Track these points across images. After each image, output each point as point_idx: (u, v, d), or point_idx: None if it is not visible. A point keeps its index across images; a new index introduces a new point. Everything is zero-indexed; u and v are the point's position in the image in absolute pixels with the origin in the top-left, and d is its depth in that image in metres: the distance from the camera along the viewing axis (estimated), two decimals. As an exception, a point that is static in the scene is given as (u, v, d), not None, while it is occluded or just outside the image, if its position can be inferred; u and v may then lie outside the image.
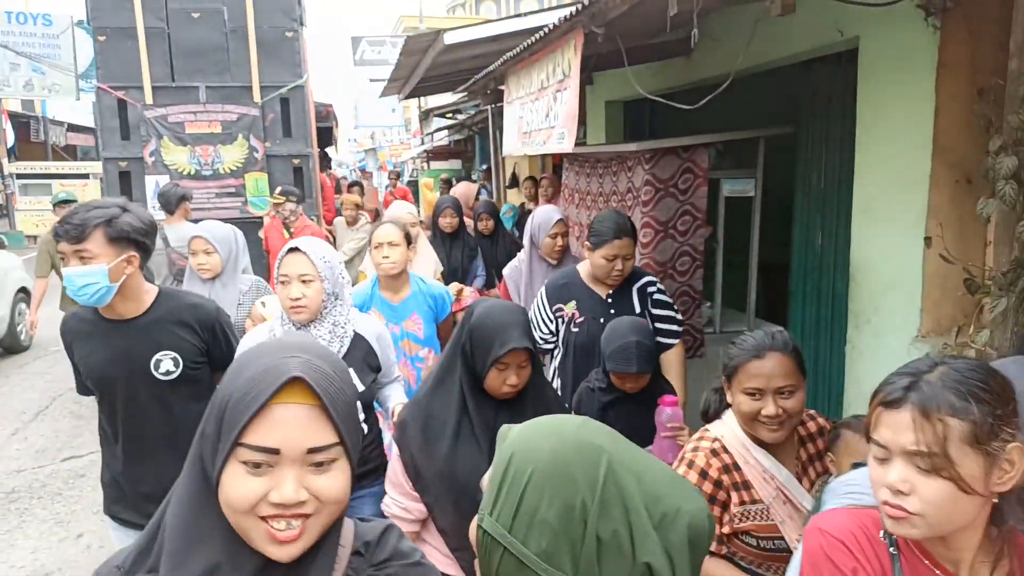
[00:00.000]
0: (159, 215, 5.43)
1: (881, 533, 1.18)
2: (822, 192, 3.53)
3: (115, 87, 6.54)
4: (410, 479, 1.91)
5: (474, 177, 12.93)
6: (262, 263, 6.58)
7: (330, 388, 0.96)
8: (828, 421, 1.99)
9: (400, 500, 1.95)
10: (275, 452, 0.92)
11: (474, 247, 5.07)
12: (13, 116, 18.01)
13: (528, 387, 1.90)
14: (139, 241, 2.17)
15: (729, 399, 1.85)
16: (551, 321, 3.03)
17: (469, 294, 4.29)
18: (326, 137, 10.50)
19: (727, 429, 1.86)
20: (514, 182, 10.18)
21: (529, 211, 7.27)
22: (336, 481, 0.96)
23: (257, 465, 0.92)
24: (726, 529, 1.79)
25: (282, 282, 2.26)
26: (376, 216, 10.06)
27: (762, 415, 1.75)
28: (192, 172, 6.61)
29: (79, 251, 2.08)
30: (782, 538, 1.78)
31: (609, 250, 2.83)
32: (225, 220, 6.22)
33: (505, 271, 3.93)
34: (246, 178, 6.74)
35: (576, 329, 2.95)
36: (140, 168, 6.58)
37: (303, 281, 2.24)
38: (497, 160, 9.70)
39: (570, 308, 3.00)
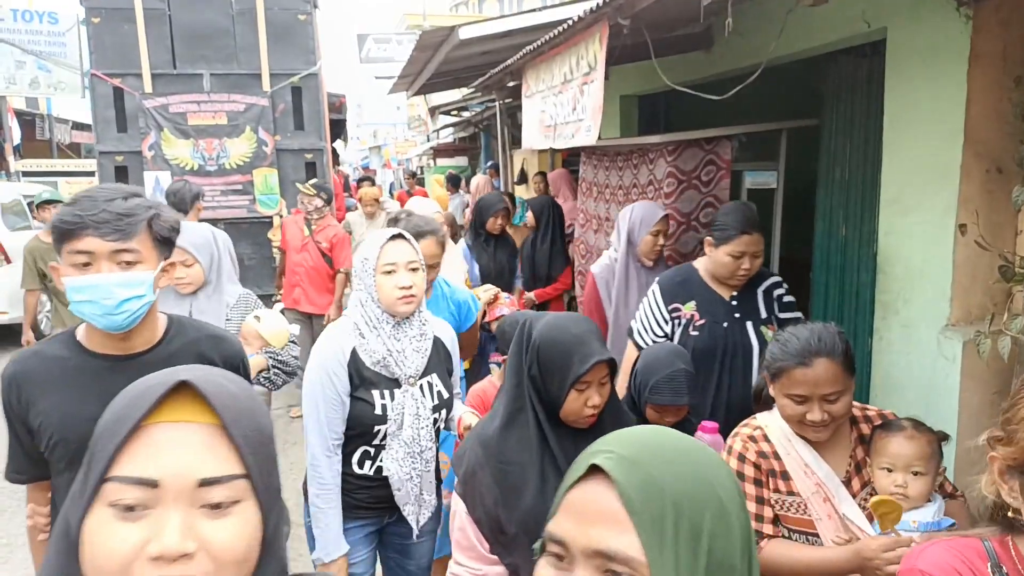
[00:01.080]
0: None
1: (988, 565, 1.05)
2: (846, 184, 3.53)
3: (111, 74, 5.99)
4: (487, 539, 1.62)
5: (484, 172, 12.92)
6: (270, 267, 6.35)
7: (233, 404, 0.73)
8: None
9: (475, 567, 1.64)
10: (153, 485, 0.67)
11: (515, 249, 4.86)
12: (19, 114, 18.06)
13: (605, 407, 1.65)
14: (172, 245, 1.70)
15: (772, 393, 1.80)
16: (666, 323, 2.74)
17: (505, 301, 3.72)
18: (338, 130, 9.88)
19: (772, 419, 1.83)
20: (522, 178, 10.18)
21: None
22: (237, 531, 0.70)
23: (130, 508, 0.67)
24: (769, 513, 1.79)
25: (387, 272, 2.08)
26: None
27: (807, 419, 1.70)
28: (195, 167, 6.14)
29: (124, 251, 1.54)
30: (817, 535, 1.73)
31: (736, 246, 2.54)
32: (233, 220, 6.08)
33: (595, 269, 3.52)
34: (254, 174, 6.27)
35: (695, 332, 2.67)
36: (138, 163, 6.08)
37: (411, 269, 2.10)
38: (505, 156, 9.70)
39: (689, 309, 2.71)
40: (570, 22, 3.66)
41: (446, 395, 2.23)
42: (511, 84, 6.33)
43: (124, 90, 6.02)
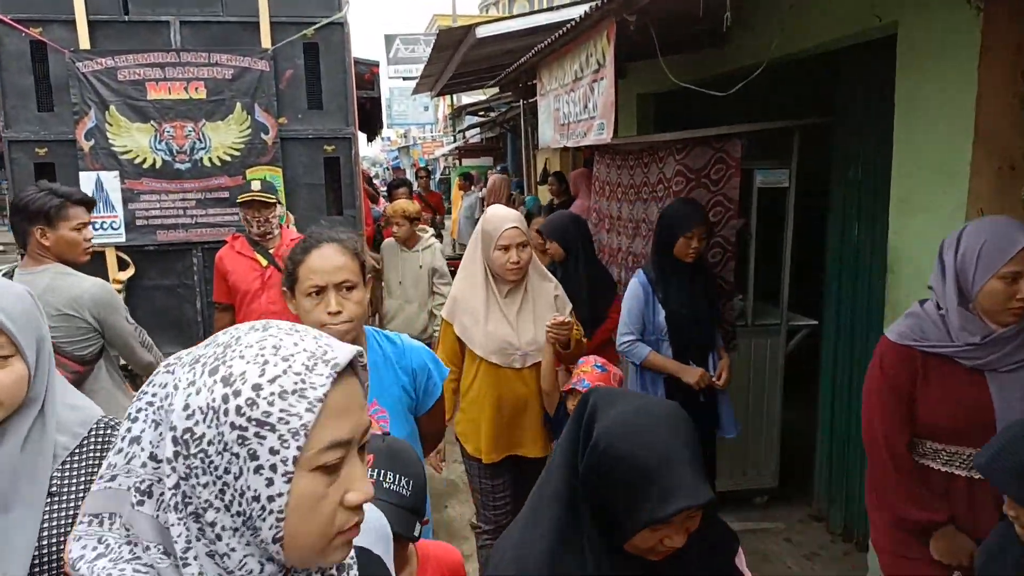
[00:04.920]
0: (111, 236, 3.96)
1: None
2: (858, 182, 3.47)
3: (25, 20, 3.85)
4: None
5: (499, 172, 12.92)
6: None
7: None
8: None
9: None
10: None
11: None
12: None
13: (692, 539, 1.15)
14: None
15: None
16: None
17: (594, 368, 2.63)
18: (370, 113, 6.90)
19: None
20: (545, 177, 10.17)
21: (558, 206, 7.26)
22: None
23: None
24: None
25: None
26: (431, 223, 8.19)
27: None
28: (157, 164, 4.06)
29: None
30: None
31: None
32: (213, 245, 3.94)
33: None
34: (248, 175, 4.11)
35: None
36: (71, 157, 3.99)
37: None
38: (528, 156, 9.71)
39: None
40: (578, 18, 3.65)
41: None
42: (531, 83, 6.33)
43: (47, 45, 3.91)
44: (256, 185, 3.59)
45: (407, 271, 4.53)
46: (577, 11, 4.82)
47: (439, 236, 8.16)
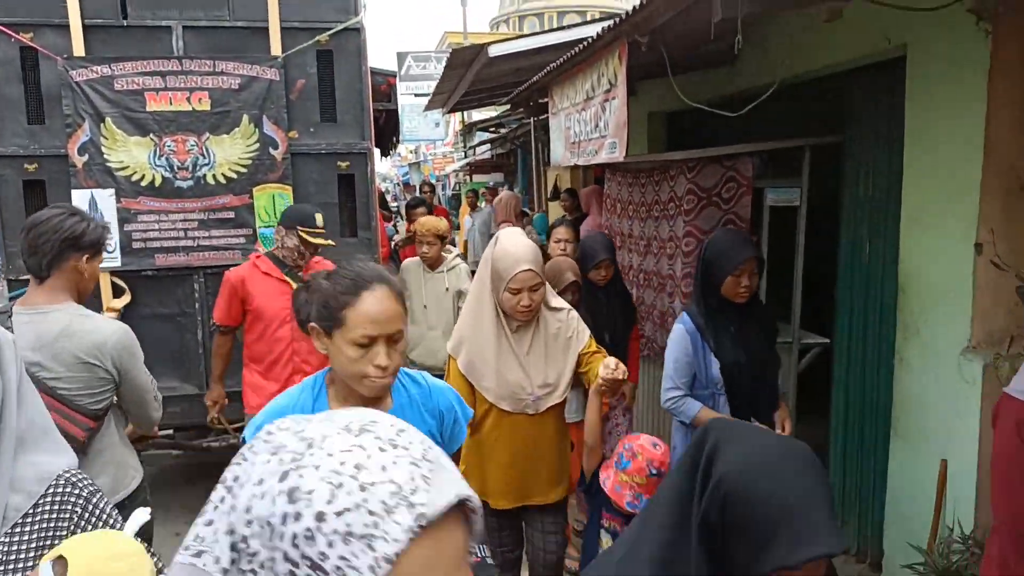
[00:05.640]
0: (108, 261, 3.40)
1: None
2: (870, 201, 3.48)
3: (16, 25, 3.63)
4: None
5: (516, 189, 13.00)
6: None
7: None
8: None
9: None
10: None
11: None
12: None
13: None
14: None
15: None
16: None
17: (652, 445, 2.37)
18: (387, 127, 6.57)
19: None
20: (555, 194, 10.22)
21: (569, 223, 7.29)
22: None
23: None
24: None
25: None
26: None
27: None
28: (157, 182, 3.79)
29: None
30: None
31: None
32: (217, 269, 3.68)
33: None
34: (255, 193, 3.87)
35: None
36: (63, 174, 3.72)
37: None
38: (539, 172, 9.77)
39: None
40: (590, 39, 3.70)
41: None
42: (542, 101, 6.38)
43: (39, 52, 3.66)
44: (320, 220, 3.30)
45: (431, 294, 4.25)
46: (588, 30, 4.88)
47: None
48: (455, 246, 9.74)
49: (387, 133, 6.94)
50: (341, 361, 1.55)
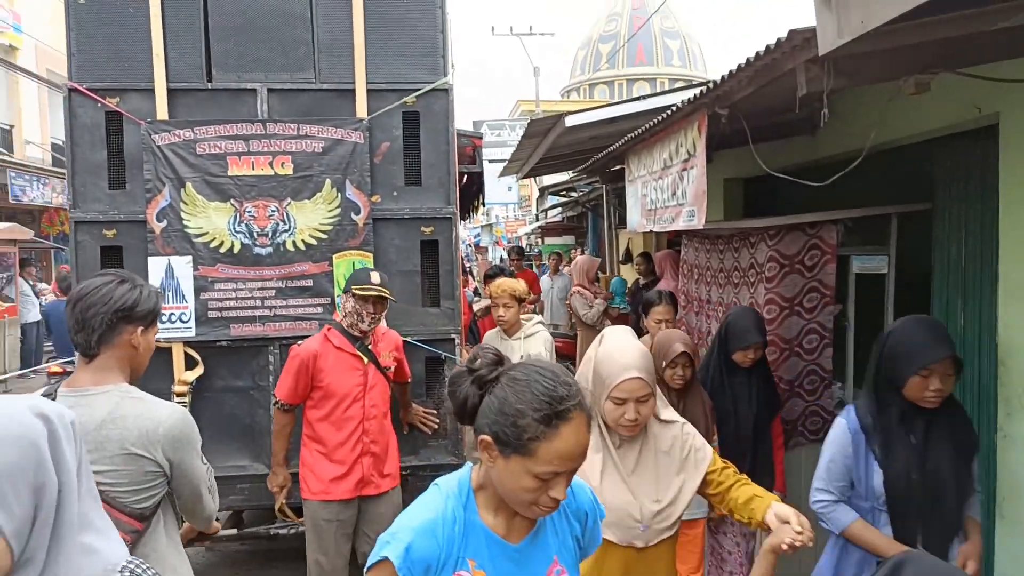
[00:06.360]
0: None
1: None
2: (962, 270, 3.38)
3: (100, 89, 3.60)
4: None
5: (586, 252, 13.07)
6: None
7: None
8: None
9: None
10: None
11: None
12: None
13: None
14: None
15: None
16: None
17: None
18: (472, 191, 6.53)
19: None
20: (627, 257, 10.24)
21: (644, 286, 7.29)
22: None
23: None
24: None
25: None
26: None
27: None
28: (236, 249, 3.67)
29: None
30: None
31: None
32: (293, 341, 3.46)
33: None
34: (335, 261, 3.72)
35: None
36: (140, 240, 3.64)
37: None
38: (611, 235, 9.84)
39: None
40: (670, 111, 3.78)
41: None
42: (615, 167, 6.49)
43: (121, 115, 3.61)
44: (376, 278, 3.20)
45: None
46: (664, 100, 4.98)
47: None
48: (537, 311, 9.40)
49: (470, 196, 6.87)
50: (513, 487, 1.36)
